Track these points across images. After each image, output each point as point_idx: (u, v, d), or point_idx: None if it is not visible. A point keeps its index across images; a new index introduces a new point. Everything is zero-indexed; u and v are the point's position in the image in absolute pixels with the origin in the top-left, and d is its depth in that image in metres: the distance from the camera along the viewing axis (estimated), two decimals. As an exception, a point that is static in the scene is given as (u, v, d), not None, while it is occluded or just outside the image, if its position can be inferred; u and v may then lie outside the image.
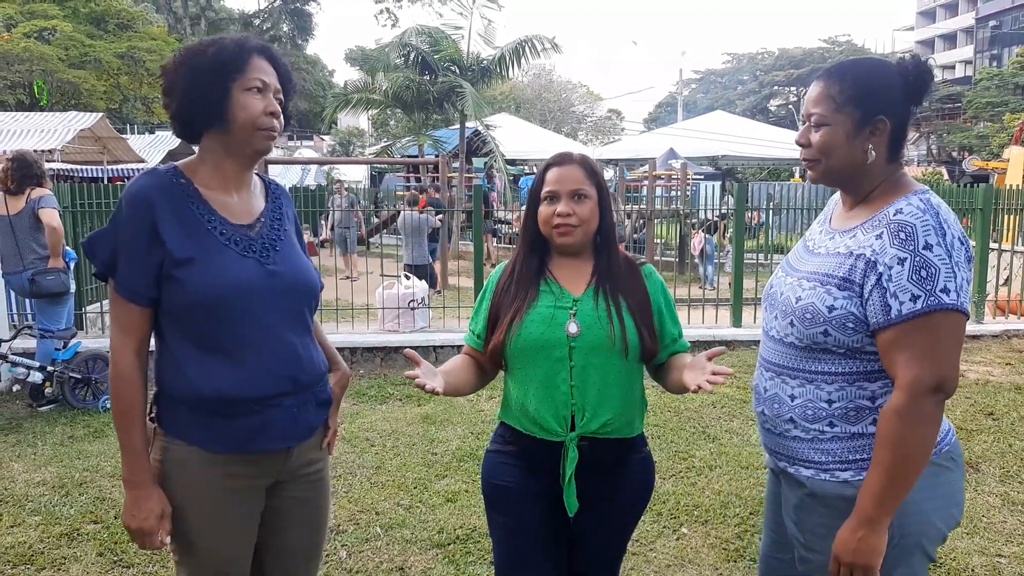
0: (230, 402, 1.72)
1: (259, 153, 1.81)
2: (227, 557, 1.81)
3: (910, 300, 1.58)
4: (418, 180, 18.74)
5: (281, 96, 1.81)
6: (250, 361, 1.74)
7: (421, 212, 10.25)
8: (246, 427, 1.74)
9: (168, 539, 1.76)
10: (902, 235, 1.61)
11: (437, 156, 17.19)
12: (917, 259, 1.58)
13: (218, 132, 1.76)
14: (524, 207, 2.12)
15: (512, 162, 21.34)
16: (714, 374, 1.75)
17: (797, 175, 26.81)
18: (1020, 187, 9.16)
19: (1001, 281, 8.68)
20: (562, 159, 2.06)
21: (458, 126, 17.14)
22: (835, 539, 1.66)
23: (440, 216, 11.02)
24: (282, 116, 1.81)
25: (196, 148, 1.84)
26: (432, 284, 9.78)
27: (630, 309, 1.99)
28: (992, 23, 51.87)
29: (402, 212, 10.23)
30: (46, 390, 5.63)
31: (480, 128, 17.23)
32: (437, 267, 11.57)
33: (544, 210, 2.02)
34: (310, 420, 1.86)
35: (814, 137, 1.75)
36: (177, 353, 1.73)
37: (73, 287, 5.84)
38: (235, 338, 1.73)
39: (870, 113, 1.70)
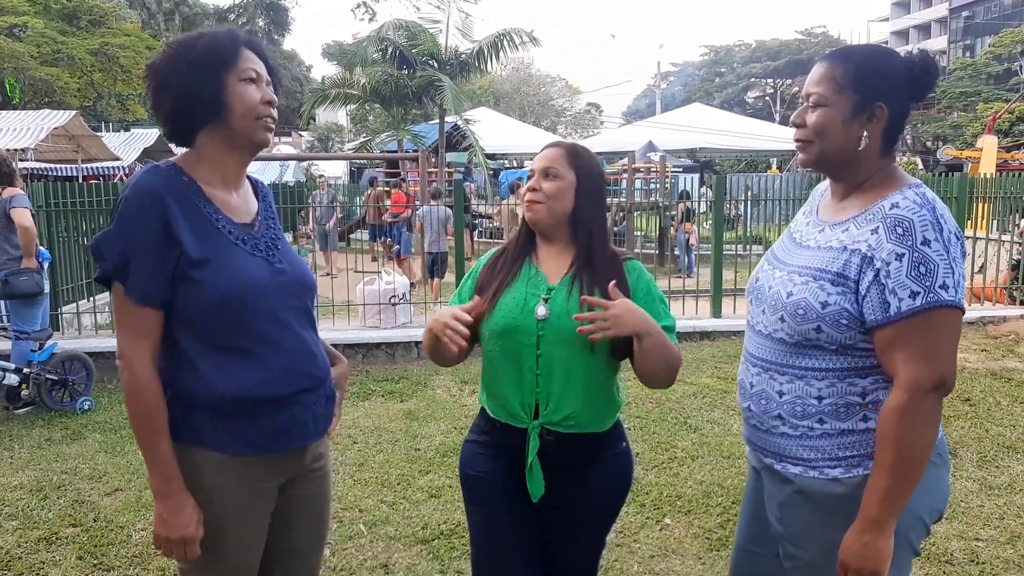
0: (255, 403, 1.69)
1: (259, 145, 1.76)
2: (243, 561, 1.78)
3: (909, 297, 1.55)
4: (396, 175, 18.70)
5: (271, 87, 1.77)
6: (272, 360, 1.70)
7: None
8: (271, 427, 1.71)
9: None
10: (899, 230, 1.57)
11: (416, 151, 17.11)
12: (916, 255, 1.55)
13: (216, 127, 1.71)
14: (505, 202, 2.11)
15: (492, 156, 21.32)
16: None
17: (775, 166, 27.00)
18: (993, 176, 9.27)
19: (976, 268, 8.78)
20: (549, 144, 2.08)
21: (437, 120, 17.08)
22: (841, 544, 1.63)
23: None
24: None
25: (176, 149, 1.79)
26: (440, 274, 9.99)
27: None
28: (965, 14, 52.44)
29: (424, 206, 10.49)
30: (22, 392, 5.55)
31: (459, 122, 17.19)
32: (417, 264, 11.57)
33: (524, 188, 2.05)
34: (324, 416, 1.85)
35: (810, 118, 1.71)
36: (194, 357, 1.68)
37: (47, 288, 5.76)
38: (255, 338, 1.69)
39: (869, 98, 1.67)
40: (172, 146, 1.80)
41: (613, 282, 1.85)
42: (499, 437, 2.01)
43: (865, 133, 1.68)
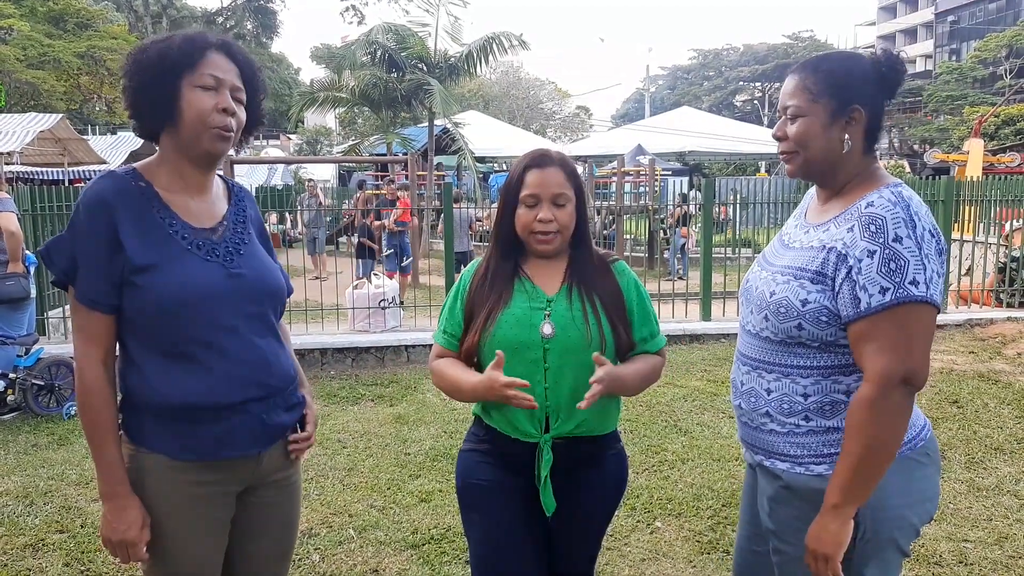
0: (196, 410, 1.69)
1: (212, 153, 1.72)
2: (198, 565, 1.77)
3: (879, 292, 1.58)
4: (385, 178, 18.67)
5: (242, 95, 1.74)
6: (216, 367, 1.69)
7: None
8: (212, 435, 1.71)
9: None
10: (872, 228, 1.61)
11: (406, 154, 17.09)
12: (887, 251, 1.58)
13: (172, 131, 1.71)
14: (496, 206, 2.07)
15: (481, 159, 21.31)
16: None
17: (763, 169, 27.12)
18: (980, 179, 9.33)
19: (963, 271, 8.84)
20: (543, 160, 1.98)
21: (426, 124, 17.07)
22: (808, 530, 1.67)
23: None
24: (244, 114, 1.74)
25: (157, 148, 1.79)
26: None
27: (605, 307, 1.96)
28: (951, 18, 52.85)
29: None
30: (8, 397, 5.51)
31: (449, 126, 17.17)
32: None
33: (524, 215, 1.95)
34: (279, 424, 1.82)
35: (791, 129, 1.74)
36: (140, 361, 1.69)
37: (34, 292, 5.72)
38: (200, 344, 1.68)
39: (845, 103, 1.70)
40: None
41: (596, 353, 1.87)
42: (501, 447, 2.00)
43: (847, 136, 1.71)
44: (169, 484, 1.71)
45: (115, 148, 20.71)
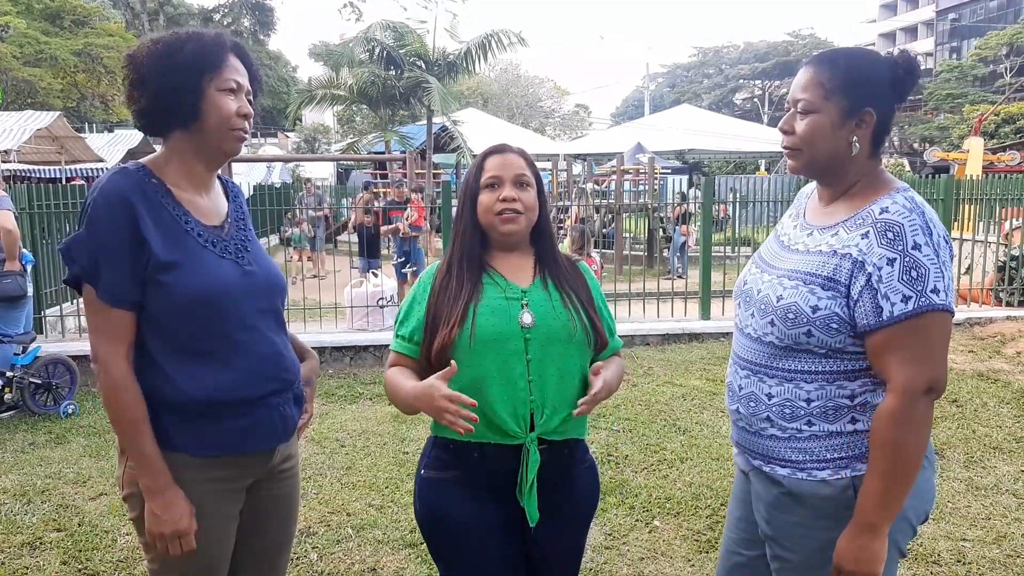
0: (220, 405, 1.70)
1: (229, 155, 1.78)
2: (211, 561, 1.78)
3: (902, 301, 1.55)
4: (384, 176, 18.66)
5: (250, 96, 1.79)
6: (239, 363, 1.72)
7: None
8: (235, 429, 1.72)
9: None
10: (890, 235, 1.58)
11: (404, 152, 17.08)
12: (907, 259, 1.56)
13: (189, 131, 1.72)
14: (458, 200, 1.98)
15: (480, 158, 21.33)
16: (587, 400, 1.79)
17: (763, 168, 27.12)
18: (980, 177, 9.33)
19: (962, 270, 8.84)
20: (502, 148, 1.97)
21: (425, 122, 17.07)
22: (836, 548, 1.63)
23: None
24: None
25: (157, 146, 1.79)
26: None
27: (579, 298, 1.93)
28: (952, 16, 52.89)
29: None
30: (5, 396, 5.50)
31: (447, 124, 17.17)
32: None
33: (486, 198, 1.90)
34: (292, 417, 1.86)
35: (799, 125, 1.70)
36: (161, 359, 1.68)
37: (31, 290, 5.70)
38: (222, 340, 1.70)
39: (858, 104, 1.66)
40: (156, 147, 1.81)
41: (598, 363, 1.88)
42: (477, 469, 1.85)
43: (855, 138, 1.68)
44: (188, 482, 1.71)
45: (112, 146, 20.73)
